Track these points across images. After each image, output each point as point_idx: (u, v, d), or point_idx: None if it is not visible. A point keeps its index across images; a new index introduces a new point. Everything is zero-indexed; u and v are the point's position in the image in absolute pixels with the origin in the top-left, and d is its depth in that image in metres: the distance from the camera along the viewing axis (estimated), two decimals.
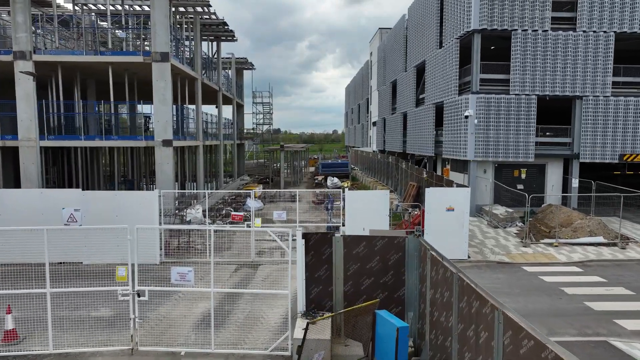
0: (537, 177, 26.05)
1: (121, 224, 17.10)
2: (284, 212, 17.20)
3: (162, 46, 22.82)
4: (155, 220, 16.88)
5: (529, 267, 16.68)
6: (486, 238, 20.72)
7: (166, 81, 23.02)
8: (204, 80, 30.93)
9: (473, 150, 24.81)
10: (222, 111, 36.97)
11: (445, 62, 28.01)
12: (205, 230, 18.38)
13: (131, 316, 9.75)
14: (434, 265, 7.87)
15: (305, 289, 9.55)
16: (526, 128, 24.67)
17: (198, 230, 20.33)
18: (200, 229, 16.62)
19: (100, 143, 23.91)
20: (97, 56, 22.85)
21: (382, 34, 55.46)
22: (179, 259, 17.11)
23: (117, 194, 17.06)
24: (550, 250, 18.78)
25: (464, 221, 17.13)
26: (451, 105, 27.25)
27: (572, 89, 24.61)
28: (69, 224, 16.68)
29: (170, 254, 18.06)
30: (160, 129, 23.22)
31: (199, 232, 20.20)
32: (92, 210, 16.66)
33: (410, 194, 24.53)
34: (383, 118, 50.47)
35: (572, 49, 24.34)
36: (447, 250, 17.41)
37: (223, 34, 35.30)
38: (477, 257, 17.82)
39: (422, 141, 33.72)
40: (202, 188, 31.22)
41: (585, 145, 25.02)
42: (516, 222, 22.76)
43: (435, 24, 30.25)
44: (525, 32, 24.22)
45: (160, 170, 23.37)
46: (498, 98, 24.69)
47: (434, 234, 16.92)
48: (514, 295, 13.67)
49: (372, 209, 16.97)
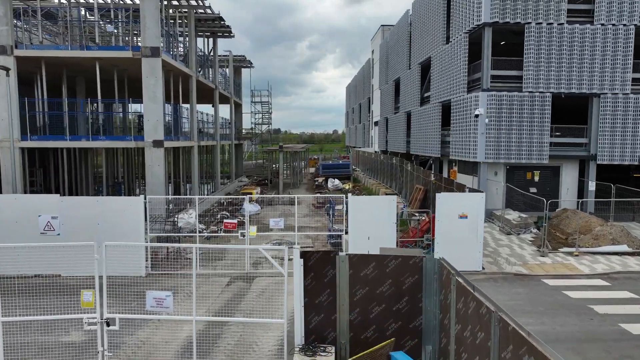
0: (551, 180, 24.58)
1: (103, 232, 15.71)
2: (282, 219, 15.75)
3: (152, 40, 21.40)
4: (140, 228, 15.44)
5: (550, 280, 15.22)
6: (499, 246, 19.26)
7: (157, 77, 21.61)
8: (199, 78, 29.49)
9: (484, 151, 23.33)
10: (218, 110, 35.53)
11: (453, 58, 26.55)
12: (197, 235, 17.00)
13: (99, 349, 8.31)
14: (462, 296, 6.41)
15: (304, 318, 8.10)
16: (540, 128, 23.19)
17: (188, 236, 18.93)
18: (186, 246, 15.13)
19: (86, 144, 22.46)
20: (83, 51, 21.42)
21: (384, 31, 53.99)
22: (165, 272, 15.66)
23: (99, 200, 15.62)
24: (571, 260, 17.31)
25: (478, 229, 15.67)
26: (459, 103, 25.79)
27: (590, 86, 23.13)
28: (45, 232, 15.25)
29: (158, 265, 16.61)
30: (150, 129, 21.80)
31: (190, 238, 18.78)
32: (71, 217, 15.22)
33: (417, 198, 23.06)
34: (385, 118, 49.02)
35: (590, 43, 22.84)
36: (460, 261, 15.97)
37: (219, 30, 33.85)
38: (491, 268, 16.36)
39: (427, 141, 32.27)
40: (197, 190, 29.80)
41: (603, 146, 23.53)
42: (530, 228, 21.30)
43: (442, 19, 28.79)
44: (540, 25, 22.74)
45: (150, 172, 21.95)
46: (510, 96, 23.22)
47: (445, 243, 15.51)
48: (538, 314, 12.21)
49: (377, 216, 15.53)
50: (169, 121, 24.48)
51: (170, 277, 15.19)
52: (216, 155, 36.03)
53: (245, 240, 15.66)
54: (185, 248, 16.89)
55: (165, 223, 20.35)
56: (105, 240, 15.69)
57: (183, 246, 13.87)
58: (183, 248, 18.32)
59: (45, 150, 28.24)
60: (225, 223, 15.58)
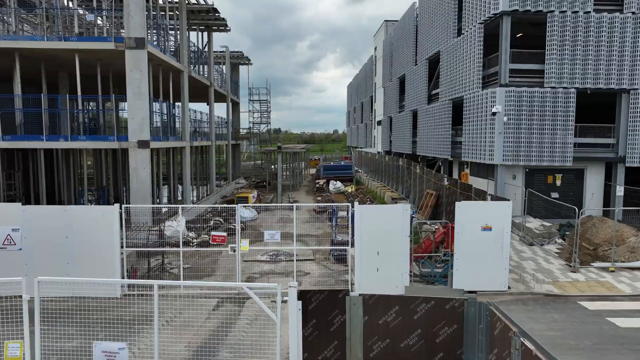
0: (574, 184, 22.51)
1: (72, 245, 13.59)
2: (278, 232, 13.68)
3: (137, 30, 19.44)
4: (115, 241, 13.41)
5: (588, 303, 13.14)
6: (523, 259, 17.20)
7: (142, 71, 19.67)
8: (192, 74, 27.45)
9: (501, 153, 21.27)
10: (213, 109, 33.51)
11: (466, 51, 24.49)
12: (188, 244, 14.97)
13: None
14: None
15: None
16: (563, 127, 21.13)
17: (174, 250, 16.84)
18: (144, 282, 13.05)
19: (65, 144, 20.47)
20: (61, 42, 19.43)
21: (387, 26, 51.88)
22: (144, 292, 13.62)
23: (68, 210, 13.57)
24: (607, 277, 15.25)
25: (503, 243, 13.61)
26: (473, 100, 23.72)
27: (619, 81, 21.04)
28: (5, 247, 13.23)
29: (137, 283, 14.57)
30: (135, 128, 19.83)
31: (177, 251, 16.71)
32: (36, 229, 13.20)
33: (428, 204, 21.01)
34: (389, 117, 46.96)
35: (619, 33, 20.75)
36: (482, 280, 13.83)
37: (214, 23, 31.85)
38: (518, 286, 14.29)
39: (435, 142, 30.20)
40: (189, 194, 27.79)
41: (633, 147, 21.46)
42: (555, 238, 19.24)
43: (453, 9, 26.75)
44: (564, 13, 20.67)
45: (135, 176, 19.99)
46: (530, 92, 21.15)
47: (465, 259, 13.43)
48: (586, 350, 10.14)
49: (388, 228, 13.44)
50: (157, 120, 22.48)
51: (150, 298, 13.16)
52: (211, 156, 34.02)
53: (236, 255, 13.64)
54: (174, 256, 14.85)
55: (150, 232, 18.27)
56: (75, 255, 13.78)
57: (139, 282, 11.75)
58: (169, 260, 16.32)
59: (25, 152, 26.24)
60: (213, 236, 13.55)
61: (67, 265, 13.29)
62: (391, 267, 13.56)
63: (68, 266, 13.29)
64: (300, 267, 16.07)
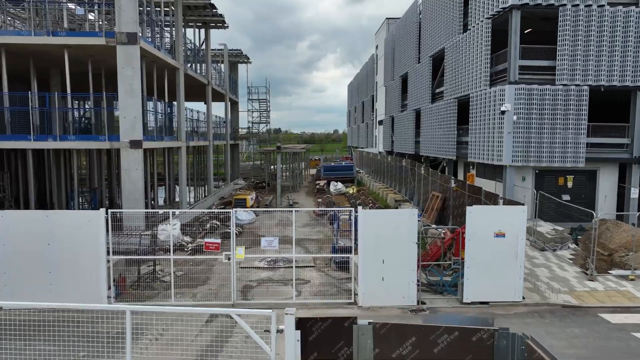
0: (586, 186, 21.57)
1: (54, 253, 12.57)
2: (275, 239, 12.77)
3: (128, 25, 18.52)
4: (101, 248, 12.49)
5: (609, 315, 12.24)
6: (536, 266, 16.27)
7: (134, 68, 18.74)
8: (188, 72, 26.50)
9: (510, 153, 20.33)
10: (211, 108, 32.56)
11: (472, 48, 23.55)
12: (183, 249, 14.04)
13: None
14: None
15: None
16: (576, 126, 20.20)
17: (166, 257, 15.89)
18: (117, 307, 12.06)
19: (53, 144, 19.55)
20: (49, 37, 18.49)
21: (389, 24, 50.91)
22: (133, 302, 12.71)
23: (50, 215, 12.64)
24: (627, 285, 14.32)
25: (518, 251, 12.70)
26: (480, 98, 22.78)
27: (634, 78, 20.10)
28: None
29: (126, 293, 13.66)
30: (127, 127, 18.91)
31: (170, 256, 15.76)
32: (15, 235, 12.30)
33: (434, 207, 20.07)
34: (391, 116, 46.01)
35: (635, 28, 19.82)
36: (495, 290, 12.94)
37: (211, 20, 30.90)
38: (532, 297, 13.37)
39: (440, 142, 29.26)
40: (185, 195, 26.86)
41: None
42: (568, 243, 18.31)
43: (458, 5, 25.81)
44: (577, 7, 19.73)
45: (127, 177, 19.06)
46: (541, 89, 20.21)
47: (477, 267, 12.63)
48: None
49: (394, 234, 12.57)
50: (152, 119, 21.57)
51: (139, 312, 12.22)
52: (209, 156, 33.08)
53: (232, 264, 12.71)
54: (165, 263, 13.90)
55: (142, 237, 17.31)
56: (58, 264, 12.80)
57: (106, 307, 10.79)
58: (161, 267, 15.38)
59: (15, 152, 25.33)
60: (206, 243, 12.62)
61: (49, 275, 12.38)
62: (397, 277, 12.67)
63: (50, 275, 12.39)
64: (300, 275, 15.16)
